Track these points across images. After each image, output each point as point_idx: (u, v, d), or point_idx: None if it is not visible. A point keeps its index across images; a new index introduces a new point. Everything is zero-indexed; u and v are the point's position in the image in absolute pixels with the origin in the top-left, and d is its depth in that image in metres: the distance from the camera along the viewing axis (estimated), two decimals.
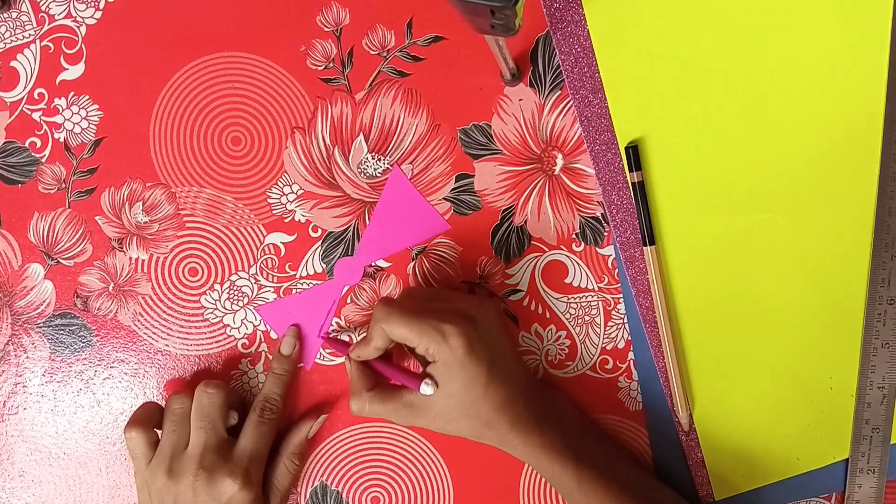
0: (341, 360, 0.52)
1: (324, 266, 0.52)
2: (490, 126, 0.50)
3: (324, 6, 0.50)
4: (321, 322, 0.52)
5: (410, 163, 0.51)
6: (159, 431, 0.49)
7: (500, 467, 0.53)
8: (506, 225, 0.51)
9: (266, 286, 0.52)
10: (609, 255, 0.51)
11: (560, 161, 0.50)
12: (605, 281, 0.51)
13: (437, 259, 0.51)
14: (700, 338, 0.51)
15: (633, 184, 0.49)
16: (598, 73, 0.49)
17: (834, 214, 0.50)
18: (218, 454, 0.47)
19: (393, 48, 0.50)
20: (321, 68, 0.50)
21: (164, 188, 0.51)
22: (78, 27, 0.50)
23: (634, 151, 0.49)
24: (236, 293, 0.52)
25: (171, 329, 0.52)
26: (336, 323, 0.52)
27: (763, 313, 0.51)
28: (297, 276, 0.52)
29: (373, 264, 0.51)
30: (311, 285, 0.52)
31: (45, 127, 0.51)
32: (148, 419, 0.49)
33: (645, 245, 0.49)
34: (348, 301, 0.52)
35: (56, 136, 0.51)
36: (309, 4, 0.50)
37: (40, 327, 0.52)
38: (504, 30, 0.36)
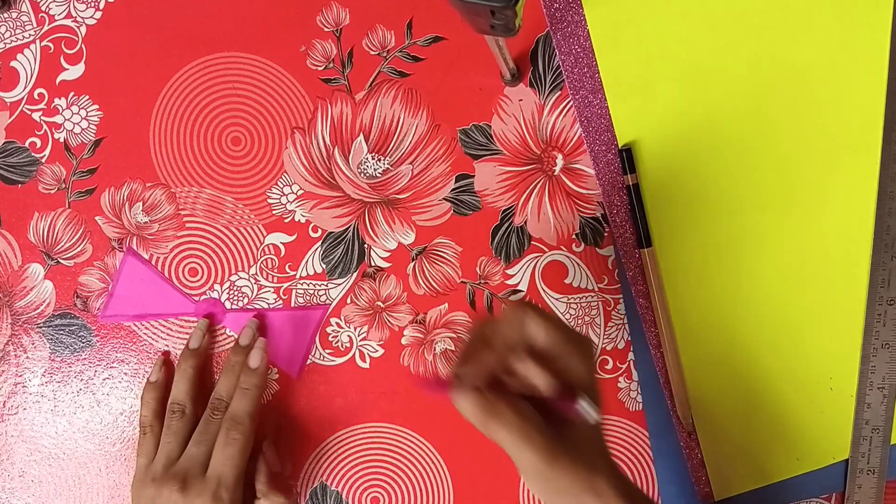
0: (341, 360, 0.52)
1: (324, 266, 0.52)
2: (490, 126, 0.50)
3: (324, 6, 0.50)
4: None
5: (410, 163, 0.51)
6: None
7: (499, 467, 0.53)
8: (506, 225, 0.51)
9: (266, 286, 0.52)
10: (609, 256, 0.51)
11: (560, 161, 0.50)
12: (605, 281, 0.51)
13: (437, 259, 0.51)
14: (700, 338, 0.51)
15: (627, 186, 0.49)
16: (598, 73, 0.49)
17: (834, 215, 0.50)
18: (200, 470, 0.47)
19: (393, 48, 0.50)
20: (321, 68, 0.50)
21: (164, 188, 0.51)
22: (78, 27, 0.50)
23: (628, 154, 0.49)
24: (236, 293, 0.52)
25: (171, 329, 0.52)
26: (335, 322, 0.52)
27: (763, 313, 0.51)
28: (297, 276, 0.52)
29: (372, 264, 0.51)
30: (309, 285, 0.52)
31: (45, 127, 0.51)
32: (161, 406, 0.50)
33: (641, 247, 0.49)
34: (348, 301, 0.52)
35: (56, 136, 0.51)
36: (309, 4, 0.50)
37: (40, 327, 0.52)
38: (504, 30, 0.36)
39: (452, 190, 0.51)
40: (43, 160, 0.51)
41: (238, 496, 0.47)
